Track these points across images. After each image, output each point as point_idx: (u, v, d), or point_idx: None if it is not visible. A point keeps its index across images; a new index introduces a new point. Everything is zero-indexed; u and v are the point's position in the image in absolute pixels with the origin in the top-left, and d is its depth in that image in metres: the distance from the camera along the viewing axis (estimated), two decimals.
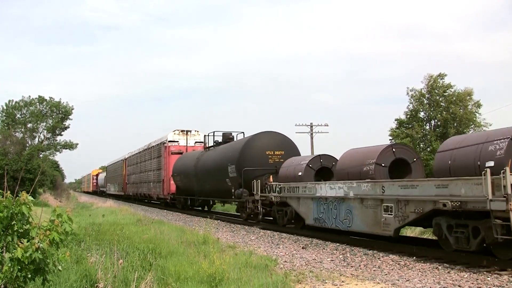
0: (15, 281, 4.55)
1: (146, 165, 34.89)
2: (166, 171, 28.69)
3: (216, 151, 21.65)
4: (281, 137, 18.22)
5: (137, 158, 39.11)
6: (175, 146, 29.03)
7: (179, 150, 28.54)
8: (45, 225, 4.84)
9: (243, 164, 17.43)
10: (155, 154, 32.19)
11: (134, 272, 6.90)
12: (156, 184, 31.45)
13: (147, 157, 34.76)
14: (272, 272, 7.81)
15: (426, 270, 8.15)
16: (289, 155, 17.22)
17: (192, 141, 29.34)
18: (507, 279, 7.22)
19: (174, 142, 29.08)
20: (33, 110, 49.19)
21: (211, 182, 21.09)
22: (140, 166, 37.24)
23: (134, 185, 39.86)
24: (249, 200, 17.16)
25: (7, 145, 36.77)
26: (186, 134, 29.40)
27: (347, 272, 8.13)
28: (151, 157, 33.21)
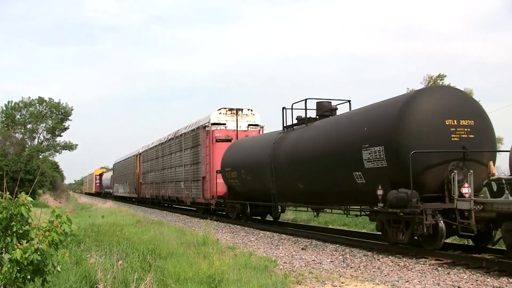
0: (14, 282, 4.55)
1: (172, 160, 27.02)
2: (209, 165, 20.44)
3: (320, 129, 13.16)
4: (464, 97, 10.68)
5: (156, 152, 31.41)
6: (221, 131, 20.68)
7: (227, 137, 20.52)
8: (44, 226, 4.84)
9: (407, 142, 9.54)
10: (188, 143, 24.10)
11: (134, 273, 6.89)
12: (191, 184, 23.41)
13: (174, 148, 26.87)
14: (272, 273, 7.80)
15: (425, 271, 8.15)
16: (481, 128, 10.01)
17: (244, 123, 21.11)
18: (506, 280, 7.22)
19: (220, 125, 20.75)
20: (33, 111, 49.31)
21: (314, 179, 12.74)
22: (163, 162, 29.24)
23: (153, 185, 32.27)
24: (429, 212, 9.10)
25: (6, 146, 36.80)
26: (236, 114, 21.01)
27: (346, 273, 8.13)
28: (182, 148, 25.22)
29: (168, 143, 28.30)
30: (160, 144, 30.63)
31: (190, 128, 24.15)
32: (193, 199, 23.17)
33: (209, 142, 20.71)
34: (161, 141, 30.49)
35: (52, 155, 52.71)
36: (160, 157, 30.34)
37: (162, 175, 29.39)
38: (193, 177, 23.06)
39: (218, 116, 21.00)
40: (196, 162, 22.49)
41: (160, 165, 30.18)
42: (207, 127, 20.99)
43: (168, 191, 28.08)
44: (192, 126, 23.97)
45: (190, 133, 23.93)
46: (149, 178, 33.46)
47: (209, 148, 20.74)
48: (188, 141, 24.11)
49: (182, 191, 24.90)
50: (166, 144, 28.73)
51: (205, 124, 21.29)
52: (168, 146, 28.27)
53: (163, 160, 29.47)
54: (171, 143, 27.74)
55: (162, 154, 29.69)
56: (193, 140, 23.25)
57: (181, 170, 25.22)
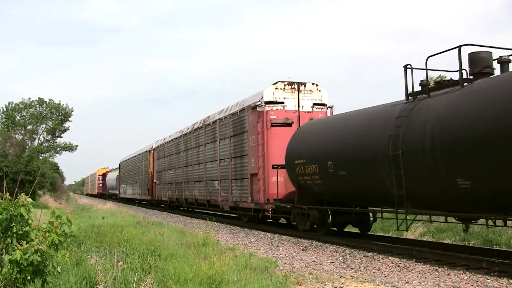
0: (14, 283, 4.55)
1: (201, 154, 21.78)
2: (262, 158, 15.25)
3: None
4: None
5: (177, 146, 26.19)
6: (278, 112, 15.50)
7: (287, 120, 15.44)
8: (44, 227, 4.84)
9: None
10: (225, 131, 18.63)
11: (134, 274, 6.90)
12: (230, 184, 17.92)
13: (203, 140, 21.45)
14: (272, 274, 7.81)
15: (426, 272, 8.15)
16: None
17: (307, 101, 15.95)
18: (506, 281, 7.21)
19: (276, 104, 15.57)
20: (33, 112, 49.32)
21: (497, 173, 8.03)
22: (187, 157, 24.09)
23: (172, 186, 26.95)
24: None
25: (6, 147, 36.81)
26: (298, 90, 15.85)
27: (347, 274, 8.13)
28: (215, 138, 19.78)
29: (195, 134, 22.88)
30: (182, 136, 25.14)
31: (230, 111, 18.43)
32: (234, 203, 17.53)
33: (261, 127, 15.37)
34: (183, 132, 25.06)
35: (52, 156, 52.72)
36: (182, 152, 25.02)
37: (186, 173, 24.16)
38: (234, 174, 17.57)
39: (274, 92, 15.58)
40: (240, 155, 17.07)
41: (182, 161, 24.94)
42: (259, 106, 15.55)
43: (194, 193, 22.69)
44: (232, 109, 18.28)
45: (229, 118, 18.30)
46: (167, 177, 28.24)
47: (261, 136, 15.29)
48: (226, 129, 18.63)
49: (217, 193, 19.32)
50: (192, 135, 23.34)
51: (256, 103, 15.73)
52: (195, 137, 22.79)
53: (186, 155, 24.23)
54: (198, 134, 22.35)
55: (186, 147, 24.43)
56: (235, 127, 17.77)
57: (214, 167, 19.85)
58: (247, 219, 17.63)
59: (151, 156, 32.77)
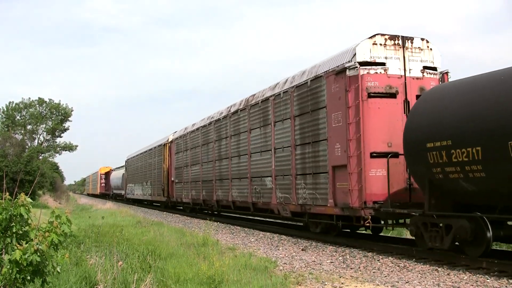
0: (14, 283, 4.55)
1: (242, 143, 17.06)
2: (356, 143, 10.95)
3: None
4: None
5: (204, 135, 21.41)
6: (377, 77, 11.24)
7: (389, 88, 11.18)
8: (44, 226, 4.84)
9: None
10: (287, 109, 13.89)
11: (134, 274, 6.90)
12: (293, 181, 13.35)
13: (248, 124, 16.50)
14: (272, 274, 7.81)
15: (425, 272, 8.15)
16: None
17: (416, 64, 11.71)
18: (506, 281, 7.21)
19: (375, 66, 11.30)
20: (33, 112, 49.37)
21: None
22: (220, 148, 19.26)
23: (197, 185, 22.17)
24: None
25: (6, 146, 36.81)
26: (403, 47, 11.60)
27: (346, 274, 8.13)
28: (268, 120, 15.01)
29: (233, 119, 17.93)
30: (212, 123, 20.37)
31: (292, 83, 13.78)
32: (301, 207, 12.97)
33: (354, 98, 10.94)
34: (213, 118, 20.41)
35: (52, 156, 52.75)
36: (212, 142, 20.11)
37: (219, 169, 19.29)
38: (302, 168, 12.93)
39: (372, 49, 11.23)
40: (312, 141, 12.45)
41: (212, 154, 20.08)
42: (350, 69, 11.08)
43: (231, 193, 17.84)
44: (296, 80, 13.60)
45: (291, 93, 13.56)
46: (190, 174, 23.41)
47: (354, 111, 10.93)
48: (286, 107, 13.90)
49: (270, 194, 14.67)
50: (227, 120, 18.50)
51: (343, 66, 11.29)
52: (233, 122, 17.89)
53: (219, 146, 19.37)
54: (238, 118, 17.47)
55: (218, 137, 19.47)
56: (302, 103, 13.02)
57: (265, 159, 15.08)
58: (320, 228, 12.94)
59: (166, 150, 28.48)
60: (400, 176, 10.59)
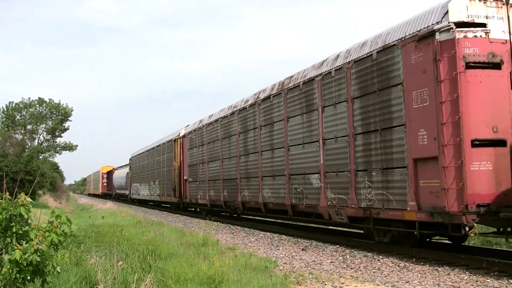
0: (14, 282, 4.55)
1: (277, 133, 14.50)
2: (452, 128, 8.39)
3: None
4: None
5: (225, 128, 18.89)
6: (477, 42, 8.46)
7: (493, 56, 8.50)
8: (44, 226, 4.85)
9: None
10: (340, 90, 11.38)
11: (134, 274, 6.90)
12: (359, 180, 10.61)
13: (284, 112, 14.07)
14: (272, 273, 7.81)
15: (425, 271, 8.15)
16: None
17: None
18: (506, 281, 7.21)
19: (473, 28, 8.51)
20: (33, 112, 49.37)
21: None
22: (245, 141, 16.86)
23: (218, 184, 19.34)
24: None
25: (6, 146, 36.82)
26: (506, 4, 8.82)
27: (346, 273, 8.13)
28: (313, 106, 12.52)
29: (263, 107, 15.48)
30: (235, 113, 17.85)
31: (348, 58, 11.31)
32: (364, 212, 10.45)
33: (447, 70, 8.64)
34: (236, 108, 17.95)
35: (52, 156, 52.75)
36: (236, 135, 17.73)
37: (245, 165, 16.77)
38: (365, 162, 10.42)
39: (469, 5, 8.83)
40: (381, 128, 10.01)
41: (236, 148, 17.67)
42: (440, 32, 8.71)
43: (262, 194, 15.22)
44: (354, 53, 11.16)
45: (346, 70, 11.10)
46: (207, 172, 20.77)
47: (447, 86, 8.61)
48: (338, 88, 11.37)
49: (316, 194, 12.12)
50: (256, 109, 16.02)
51: (433, 28, 8.88)
52: (264, 111, 15.37)
53: (244, 139, 16.95)
54: (270, 106, 14.92)
55: (244, 128, 17.06)
56: (364, 81, 10.58)
57: (309, 152, 12.52)
58: (390, 238, 10.35)
59: (178, 146, 25.93)
60: (508, 171, 8.04)
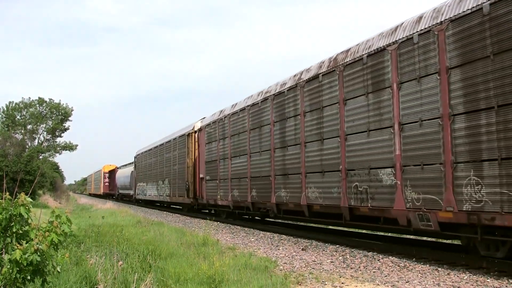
0: (14, 282, 4.55)
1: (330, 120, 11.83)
2: None
3: None
4: None
5: (256, 116, 16.22)
6: None
7: None
8: (44, 226, 4.85)
9: None
10: (419, 58, 9.01)
11: (134, 274, 6.90)
12: (462, 174, 7.98)
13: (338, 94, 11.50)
14: (272, 273, 7.80)
15: (426, 271, 8.15)
16: None
17: None
18: (506, 281, 7.21)
19: None
20: (33, 112, 49.36)
21: None
22: (282, 132, 14.27)
23: (243, 182, 16.83)
24: None
25: (6, 146, 36.82)
26: None
27: (346, 273, 8.13)
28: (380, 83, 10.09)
29: (307, 89, 12.84)
30: (267, 100, 15.30)
31: (448, 13, 8.48)
32: (468, 217, 7.94)
33: None
34: (269, 93, 15.22)
35: (52, 156, 52.75)
36: (268, 125, 15.10)
37: (282, 160, 14.07)
38: (471, 150, 7.93)
39: None
40: (498, 105, 7.44)
41: (267, 141, 15.13)
42: None
43: (306, 193, 12.63)
44: (456, 8, 8.30)
45: (444, 29, 8.44)
46: (229, 169, 18.21)
47: None
48: (426, 56, 8.92)
49: (392, 194, 9.65)
50: (298, 92, 13.32)
51: None
52: (309, 94, 12.78)
53: (282, 128, 14.16)
54: (316, 88, 12.40)
55: (280, 116, 14.29)
56: (468, 42, 8.00)
57: (378, 141, 10.18)
58: (505, 251, 7.97)
59: (192, 141, 23.43)
60: None
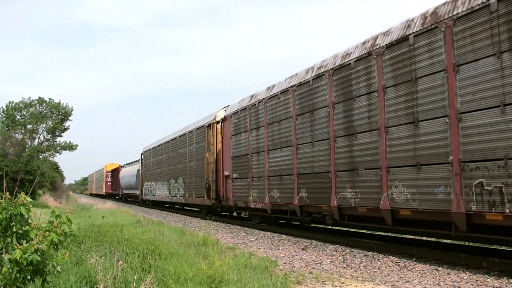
0: (14, 282, 4.55)
1: (429, 95, 8.60)
2: None
3: None
4: None
5: (303, 98, 12.96)
6: None
7: None
8: (44, 226, 4.85)
9: None
10: None
11: (134, 274, 6.90)
12: None
13: (439, 58, 8.34)
14: (272, 273, 7.80)
15: (425, 271, 8.15)
16: None
17: None
18: (506, 281, 7.21)
19: None
20: (33, 112, 49.37)
21: None
22: (349, 115, 10.98)
23: (288, 181, 13.64)
24: None
25: (6, 146, 36.81)
26: None
27: (346, 273, 8.13)
28: None
29: (386, 57, 9.80)
30: (322, 77, 12.17)
31: None
32: None
33: None
34: (325, 68, 12.20)
35: (52, 156, 52.75)
36: (323, 108, 12.04)
37: (348, 151, 11.10)
38: None
39: None
40: None
41: (323, 128, 12.01)
42: None
43: (389, 195, 9.60)
44: None
45: None
46: (266, 164, 14.98)
47: None
48: None
49: None
50: (371, 62, 10.26)
51: None
52: (392, 63, 9.63)
53: (346, 111, 11.12)
54: (408, 51, 9.18)
55: (343, 96, 11.29)
56: None
57: None
58: None
59: (214, 133, 20.35)
60: None
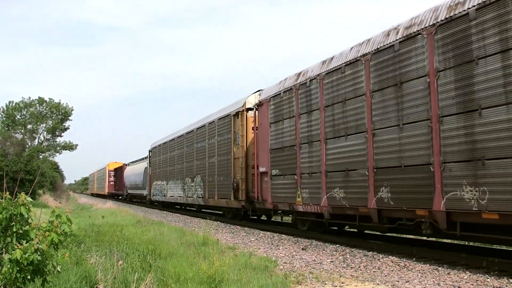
0: (14, 282, 4.55)
1: None
2: None
3: None
4: None
5: (383, 69, 9.88)
6: None
7: None
8: (44, 226, 4.84)
9: None
10: None
11: (134, 273, 6.89)
12: None
13: None
14: (272, 273, 7.80)
15: (426, 271, 8.15)
16: None
17: None
18: (506, 281, 7.21)
19: None
20: (33, 111, 49.37)
21: None
22: (469, 85, 7.73)
23: (354, 176, 10.75)
24: None
25: (6, 146, 36.80)
26: None
27: (346, 273, 8.13)
28: None
29: None
30: (414, 38, 9.03)
31: None
32: None
33: None
34: (420, 26, 8.94)
35: (52, 156, 52.75)
36: (418, 79, 8.94)
37: (464, 135, 7.93)
38: None
39: None
40: None
41: (419, 105, 8.91)
42: None
43: None
44: None
45: None
46: (323, 157, 12.03)
47: None
48: None
49: None
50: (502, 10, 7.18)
51: None
52: None
53: (462, 80, 7.96)
54: None
55: (456, 59, 8.08)
56: None
57: None
58: None
59: (243, 122, 17.37)
60: None
